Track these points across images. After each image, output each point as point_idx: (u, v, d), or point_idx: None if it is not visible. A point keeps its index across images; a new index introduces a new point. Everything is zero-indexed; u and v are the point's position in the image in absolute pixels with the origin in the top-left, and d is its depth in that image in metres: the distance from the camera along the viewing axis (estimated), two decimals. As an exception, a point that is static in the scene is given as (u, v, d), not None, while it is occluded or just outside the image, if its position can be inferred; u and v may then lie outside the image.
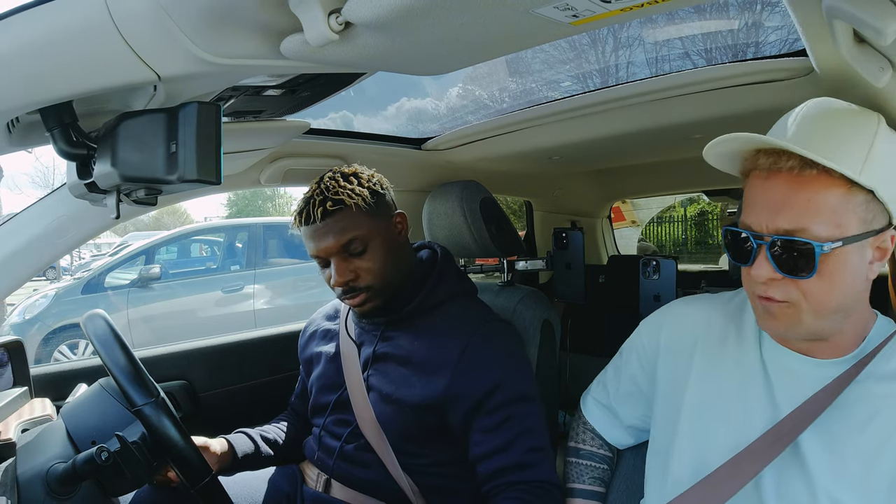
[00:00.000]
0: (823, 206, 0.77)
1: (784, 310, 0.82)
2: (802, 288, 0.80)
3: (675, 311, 1.09)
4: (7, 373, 1.30)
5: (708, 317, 1.02)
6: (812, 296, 0.80)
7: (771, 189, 0.80)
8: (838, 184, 0.77)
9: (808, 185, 0.77)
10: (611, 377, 1.19)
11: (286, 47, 0.81)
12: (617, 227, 3.53)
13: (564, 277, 2.00)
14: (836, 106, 0.84)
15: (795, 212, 0.78)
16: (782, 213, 0.79)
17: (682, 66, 1.48)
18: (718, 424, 0.93)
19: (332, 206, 1.24)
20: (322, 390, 1.42)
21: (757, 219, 0.82)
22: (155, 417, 0.99)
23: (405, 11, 0.70)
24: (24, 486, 0.93)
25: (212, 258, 7.37)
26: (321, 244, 1.26)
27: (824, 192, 0.77)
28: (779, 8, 1.35)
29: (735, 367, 0.95)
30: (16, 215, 1.29)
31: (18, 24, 0.74)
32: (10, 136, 0.94)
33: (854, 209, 0.78)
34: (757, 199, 0.82)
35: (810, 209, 0.77)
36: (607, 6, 0.71)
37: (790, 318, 0.82)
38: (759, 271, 0.81)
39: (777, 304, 0.82)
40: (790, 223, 0.78)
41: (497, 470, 1.19)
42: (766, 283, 0.81)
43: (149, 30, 0.74)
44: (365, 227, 1.26)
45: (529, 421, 1.22)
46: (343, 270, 1.26)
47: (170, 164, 0.85)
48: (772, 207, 0.80)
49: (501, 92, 2.10)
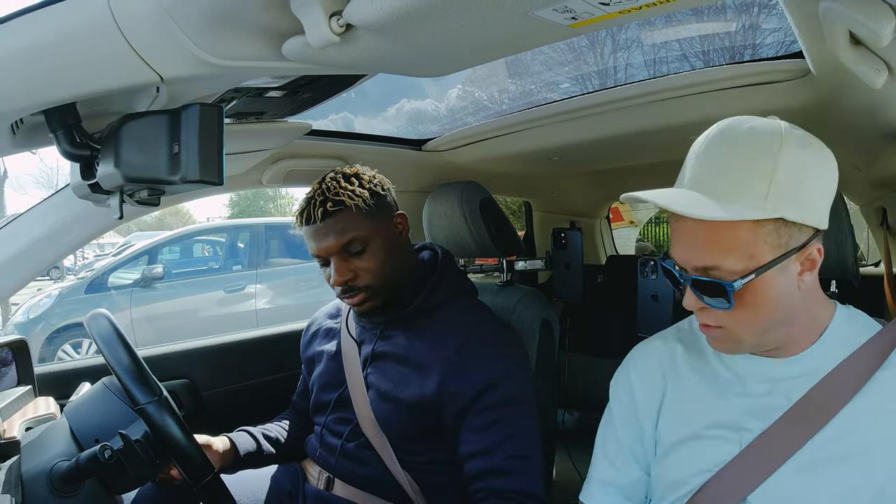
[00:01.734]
0: (732, 244, 0.78)
1: (722, 333, 0.85)
2: (730, 315, 0.82)
3: (636, 355, 1.07)
4: (11, 372, 1.31)
5: (670, 348, 1.02)
6: (739, 321, 0.82)
7: (682, 230, 0.82)
8: (747, 221, 0.77)
9: (715, 226, 0.78)
10: (612, 449, 1.04)
11: (288, 49, 0.82)
12: (615, 227, 3.53)
13: (563, 277, 2.01)
14: (738, 131, 0.81)
15: (704, 252, 0.80)
16: (694, 252, 0.81)
17: (680, 68, 1.48)
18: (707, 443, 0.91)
19: (333, 207, 1.25)
20: (323, 388, 1.42)
21: (678, 256, 0.85)
22: (158, 416, 0.99)
23: (405, 14, 0.70)
24: (28, 484, 0.94)
25: (214, 258, 7.40)
26: (321, 244, 1.27)
27: (731, 231, 0.77)
28: (776, 10, 1.36)
29: (707, 384, 0.95)
30: (20, 215, 1.30)
31: (23, 26, 0.75)
32: (15, 137, 0.95)
33: (765, 239, 0.78)
34: (674, 237, 0.85)
35: (719, 249, 0.78)
36: (605, 8, 0.72)
37: (729, 340, 0.86)
38: (688, 301, 0.85)
39: (713, 329, 0.85)
40: (702, 262, 0.80)
41: (478, 473, 1.19)
42: (698, 311, 0.85)
43: (152, 32, 0.75)
44: (365, 228, 1.27)
45: (517, 426, 1.21)
46: (342, 270, 1.27)
47: (172, 165, 0.85)
48: (685, 246, 0.82)
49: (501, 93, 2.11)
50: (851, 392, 0.82)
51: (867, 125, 1.26)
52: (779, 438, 0.84)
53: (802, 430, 0.83)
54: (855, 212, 2.12)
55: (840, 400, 0.82)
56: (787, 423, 0.84)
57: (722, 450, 0.89)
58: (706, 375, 0.95)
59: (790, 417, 0.84)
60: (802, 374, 0.86)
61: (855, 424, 0.81)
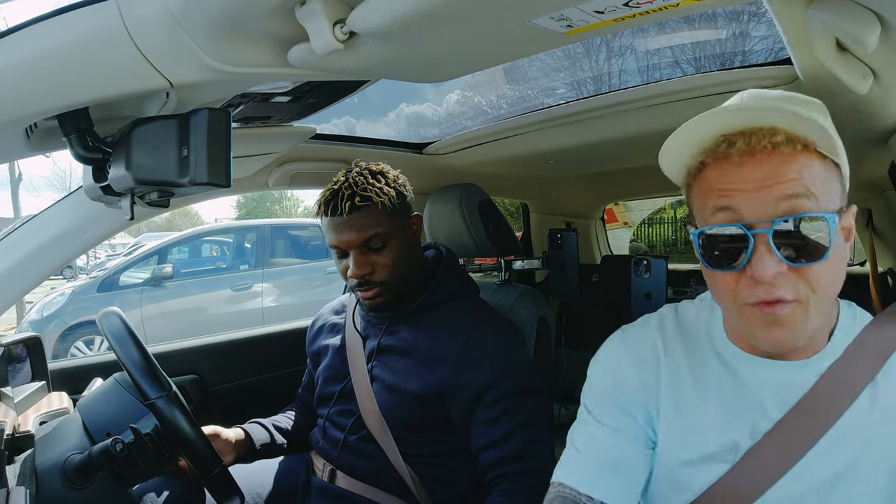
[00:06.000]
0: (817, 177, 0.66)
1: (794, 312, 0.67)
2: (809, 279, 0.66)
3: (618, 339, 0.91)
4: (26, 368, 1.33)
5: (652, 339, 0.87)
6: (820, 286, 0.66)
7: (752, 169, 0.66)
8: (817, 159, 0.67)
9: (795, 157, 0.66)
10: None
11: (293, 56, 0.84)
12: (610, 228, 3.55)
13: (559, 276, 2.03)
14: None
15: (796, 184, 0.65)
16: (779, 186, 0.65)
17: (672, 74, 1.49)
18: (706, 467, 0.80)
19: (360, 202, 1.27)
20: (328, 381, 1.45)
21: (746, 203, 0.66)
22: (167, 410, 1.02)
23: (406, 22, 0.73)
24: (43, 477, 0.97)
25: (222, 258, 7.44)
26: (343, 237, 1.29)
27: (811, 164, 0.66)
28: (765, 18, 1.37)
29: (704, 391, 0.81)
30: (34, 217, 1.32)
31: (37, 34, 0.77)
32: (29, 140, 0.97)
33: (836, 185, 0.68)
34: (735, 182, 0.68)
35: (808, 180, 0.65)
36: (600, 17, 0.75)
37: (799, 321, 0.67)
38: (765, 269, 0.65)
39: (786, 306, 0.67)
40: (793, 192, 0.65)
41: (496, 461, 1.22)
42: (772, 281, 0.66)
43: (161, 40, 0.77)
44: (386, 225, 1.30)
45: (528, 414, 1.25)
46: (361, 264, 1.30)
47: (182, 168, 0.88)
48: (761, 182, 0.66)
49: (499, 98, 2.12)
50: (853, 396, 0.73)
51: (853, 129, 1.27)
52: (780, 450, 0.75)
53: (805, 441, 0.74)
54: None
55: (843, 403, 0.73)
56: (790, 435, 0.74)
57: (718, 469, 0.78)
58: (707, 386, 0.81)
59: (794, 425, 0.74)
60: (814, 379, 0.74)
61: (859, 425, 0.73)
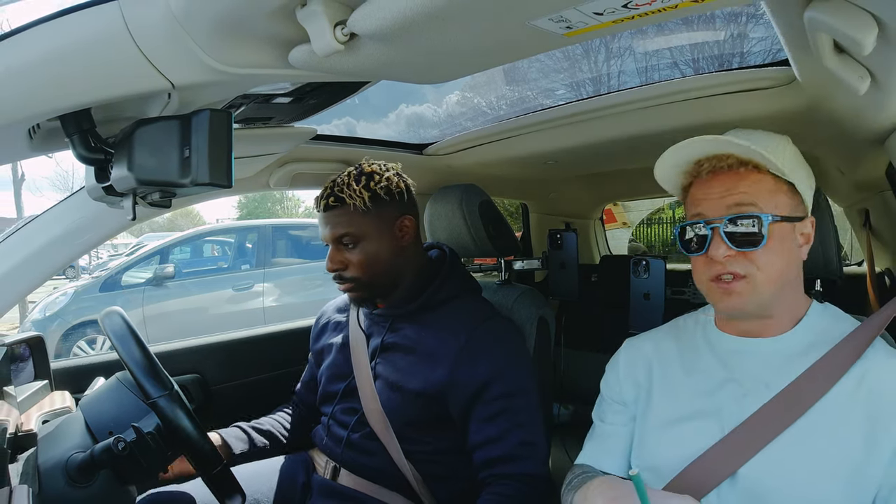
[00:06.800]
0: (763, 190, 0.92)
1: (742, 285, 0.91)
2: (755, 260, 0.91)
3: (624, 349, 1.15)
4: (28, 367, 1.33)
5: (655, 341, 1.11)
6: (764, 266, 0.91)
7: (716, 184, 0.94)
8: (769, 177, 0.93)
9: (748, 175, 0.93)
10: None
11: (294, 57, 0.84)
12: (609, 228, 3.56)
13: (559, 276, 2.03)
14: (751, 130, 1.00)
15: (742, 193, 0.92)
16: (731, 196, 0.92)
17: (670, 75, 1.50)
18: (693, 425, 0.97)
19: (333, 202, 1.33)
20: (331, 379, 1.46)
21: (708, 207, 0.94)
22: (169, 409, 1.03)
23: (407, 23, 0.73)
24: (45, 475, 0.97)
25: (223, 258, 7.48)
26: (322, 231, 1.38)
27: (761, 181, 0.92)
28: (763, 20, 1.37)
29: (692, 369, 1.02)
30: (37, 217, 1.32)
31: (40, 35, 0.77)
32: (32, 141, 0.98)
33: (783, 196, 0.93)
34: (704, 194, 0.96)
35: (753, 191, 0.92)
36: (599, 18, 0.75)
37: (747, 292, 0.92)
38: (717, 251, 0.91)
39: (735, 282, 0.92)
40: (740, 198, 0.91)
41: (490, 460, 1.23)
42: (723, 261, 0.91)
43: (163, 41, 0.77)
44: (357, 226, 1.33)
45: (524, 415, 1.26)
46: (334, 258, 1.36)
47: (183, 169, 0.88)
48: (720, 194, 0.93)
49: (499, 99, 2.13)
50: (830, 382, 0.89)
51: (851, 130, 1.28)
52: (761, 423, 0.90)
53: (783, 418, 0.89)
54: (839, 214, 2.15)
55: (820, 389, 0.88)
56: (769, 411, 0.90)
57: (705, 435, 0.94)
58: (696, 366, 1.02)
59: (773, 405, 0.90)
60: (785, 356, 0.94)
61: (832, 411, 0.87)
